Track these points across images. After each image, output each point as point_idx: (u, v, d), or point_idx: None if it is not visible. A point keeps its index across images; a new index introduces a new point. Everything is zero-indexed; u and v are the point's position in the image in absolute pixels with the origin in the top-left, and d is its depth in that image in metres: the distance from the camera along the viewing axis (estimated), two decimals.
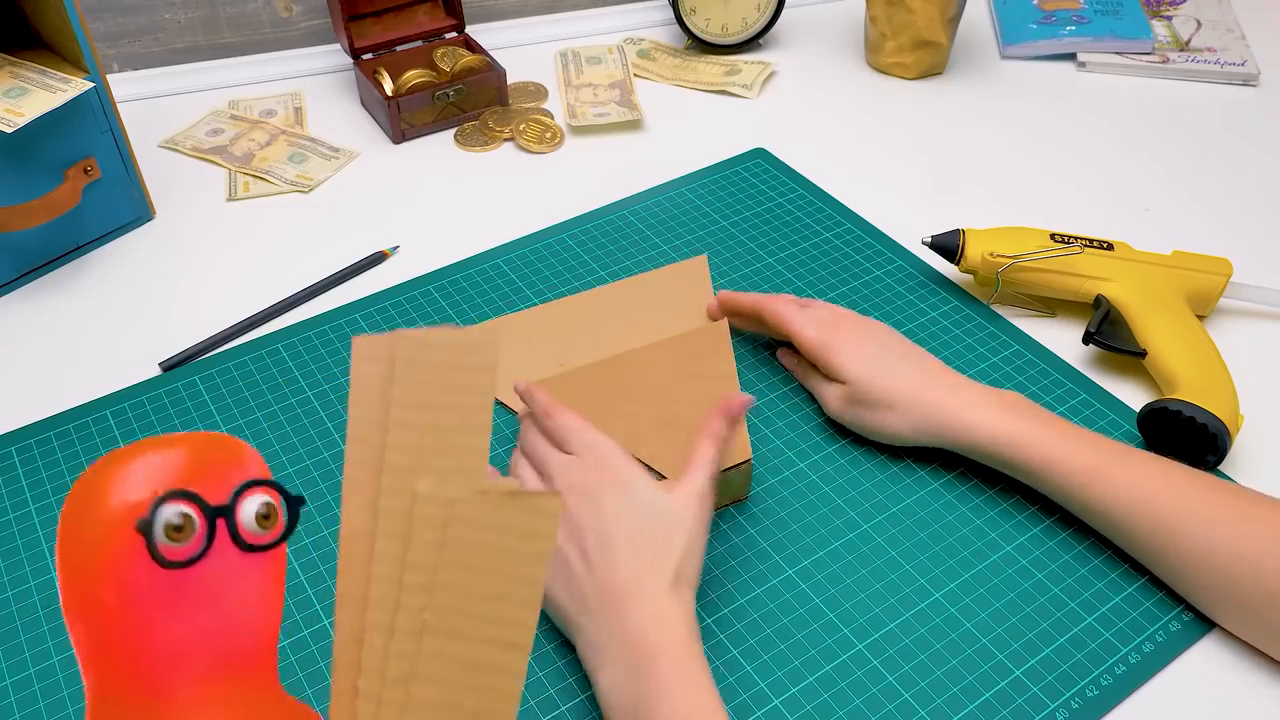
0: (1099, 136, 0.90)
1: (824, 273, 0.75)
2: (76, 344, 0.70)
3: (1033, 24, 1.02)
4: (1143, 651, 0.52)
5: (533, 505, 0.30)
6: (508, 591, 0.30)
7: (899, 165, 0.87)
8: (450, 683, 0.30)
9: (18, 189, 0.71)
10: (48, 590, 0.55)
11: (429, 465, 0.31)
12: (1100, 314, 0.67)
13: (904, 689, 0.51)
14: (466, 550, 0.30)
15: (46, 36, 0.74)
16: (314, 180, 0.84)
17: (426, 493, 0.31)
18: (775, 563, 0.56)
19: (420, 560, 0.30)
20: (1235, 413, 0.60)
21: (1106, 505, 0.54)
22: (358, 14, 0.92)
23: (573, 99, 0.94)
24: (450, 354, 0.32)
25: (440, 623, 0.30)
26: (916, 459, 0.61)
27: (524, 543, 0.30)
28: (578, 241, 0.78)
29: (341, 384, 0.67)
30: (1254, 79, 0.97)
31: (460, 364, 0.32)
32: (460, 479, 0.31)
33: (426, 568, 0.30)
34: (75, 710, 0.50)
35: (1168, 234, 0.78)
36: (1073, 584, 0.55)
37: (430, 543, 0.30)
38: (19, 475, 0.61)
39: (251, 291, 0.74)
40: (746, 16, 0.99)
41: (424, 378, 0.31)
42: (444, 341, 0.32)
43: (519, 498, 0.30)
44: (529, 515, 0.30)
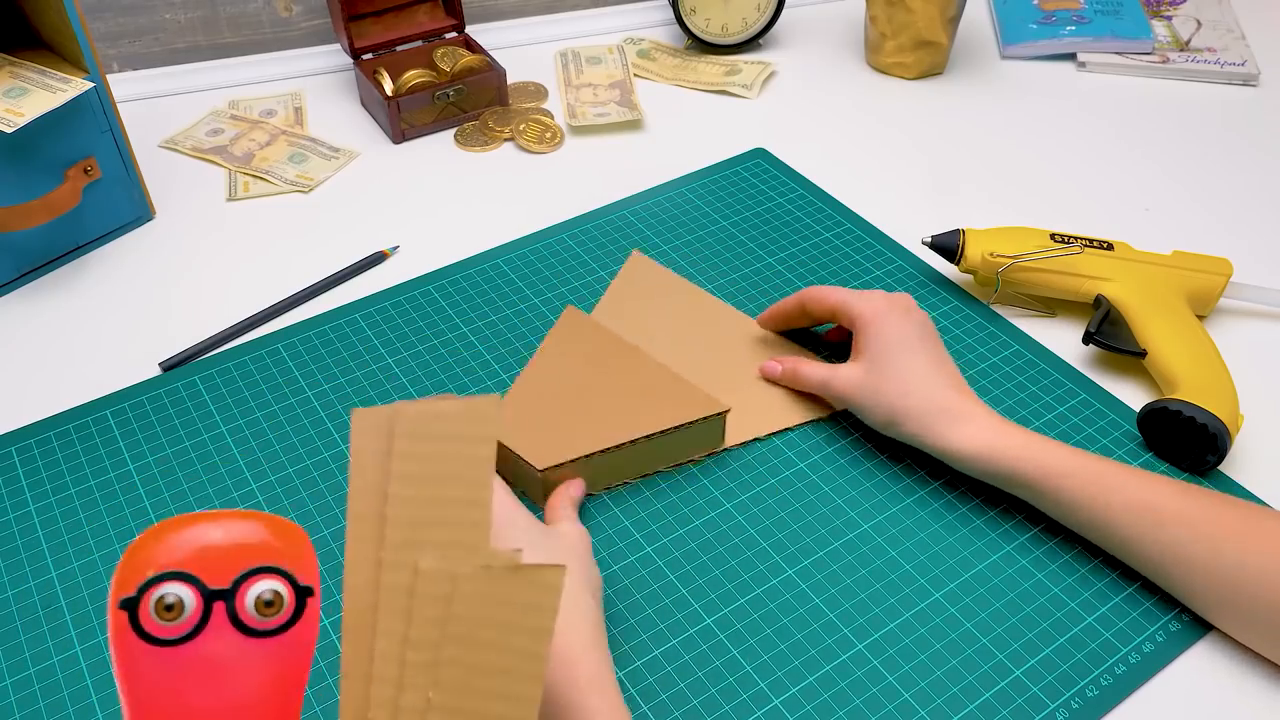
0: (1099, 136, 0.90)
1: (824, 273, 0.75)
2: (76, 344, 0.70)
3: (1033, 24, 1.02)
4: (1142, 652, 0.52)
5: (536, 579, 0.30)
6: (512, 666, 0.30)
7: (899, 165, 0.87)
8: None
9: (18, 189, 0.71)
10: (48, 590, 0.55)
11: (430, 540, 0.31)
12: (1100, 314, 0.67)
13: (904, 689, 0.51)
14: (470, 626, 0.30)
15: (46, 36, 0.74)
16: (314, 180, 0.84)
17: (428, 568, 0.31)
18: (775, 563, 0.56)
19: (423, 637, 0.31)
20: (1235, 413, 0.60)
21: (1109, 517, 0.53)
22: (358, 14, 0.92)
23: (573, 99, 0.94)
24: (451, 425, 0.32)
25: (445, 701, 0.30)
26: (917, 459, 0.61)
27: (527, 616, 0.30)
28: (578, 241, 0.78)
29: (342, 384, 0.67)
30: (1254, 79, 0.97)
31: (460, 435, 0.32)
32: (462, 553, 0.31)
33: (430, 644, 0.31)
34: (75, 710, 0.50)
35: (1168, 234, 0.78)
36: (1073, 584, 0.55)
37: (433, 619, 0.31)
38: (19, 475, 0.61)
39: (251, 291, 0.74)
40: (746, 16, 0.99)
41: (423, 451, 0.32)
42: (445, 413, 0.32)
43: (522, 572, 0.30)
44: (532, 589, 0.30)
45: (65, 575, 0.56)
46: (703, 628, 0.53)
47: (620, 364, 0.63)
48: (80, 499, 0.60)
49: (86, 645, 0.52)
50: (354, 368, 0.68)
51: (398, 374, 0.67)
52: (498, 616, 0.30)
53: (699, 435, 0.60)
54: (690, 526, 0.58)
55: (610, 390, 0.61)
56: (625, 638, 0.53)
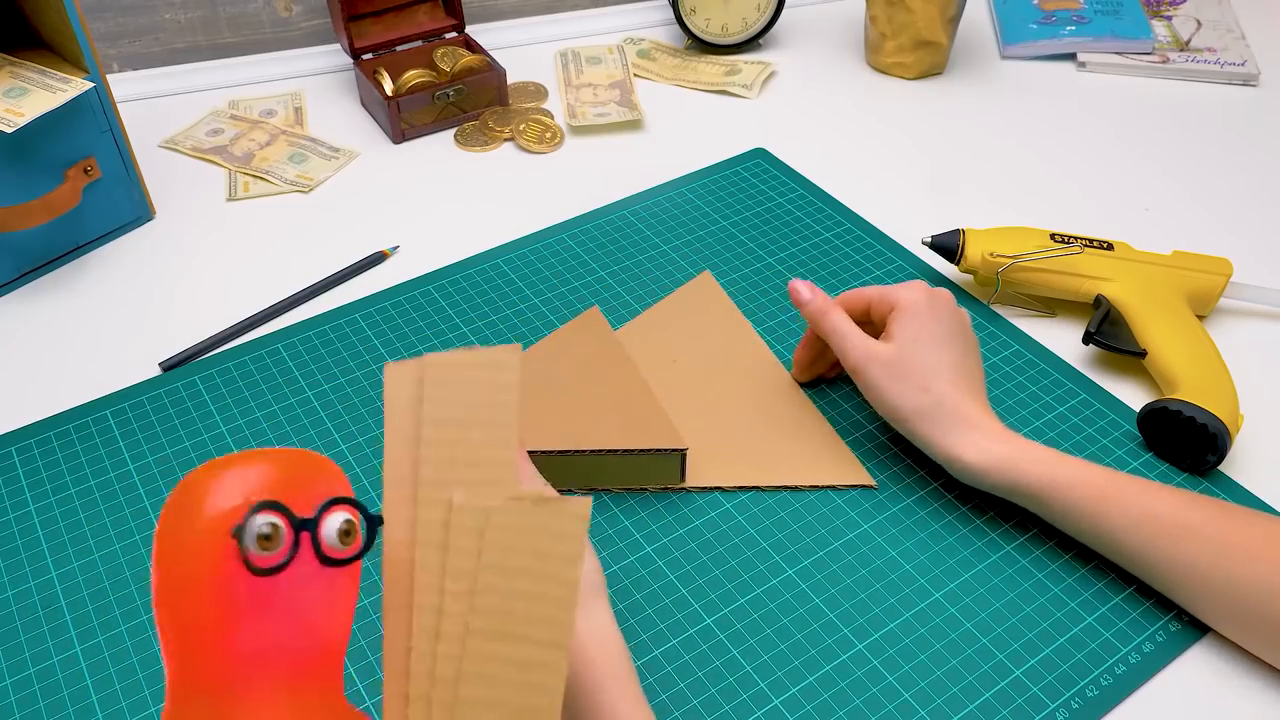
0: (1099, 136, 0.90)
1: (824, 273, 0.75)
2: (76, 344, 0.70)
3: (1033, 24, 1.02)
4: (1142, 652, 0.52)
5: (563, 509, 0.32)
6: (544, 592, 0.32)
7: (899, 165, 0.87)
8: (496, 681, 0.32)
9: (18, 189, 0.71)
10: (48, 590, 0.55)
11: (462, 478, 0.33)
12: (1100, 314, 0.67)
13: (904, 689, 0.51)
14: (503, 554, 0.32)
15: (46, 36, 0.74)
16: (314, 180, 0.84)
17: (462, 503, 0.32)
18: (775, 563, 0.56)
19: (460, 567, 0.32)
20: (1235, 413, 0.60)
21: (1114, 527, 0.53)
22: (358, 14, 0.92)
23: (573, 99, 0.94)
24: (476, 372, 0.34)
25: (483, 625, 0.32)
26: (916, 460, 0.61)
27: (557, 544, 0.32)
28: (578, 241, 0.78)
29: (342, 384, 0.67)
30: (1254, 79, 0.97)
31: (485, 381, 0.34)
32: (492, 488, 0.33)
33: (467, 573, 0.32)
34: (76, 710, 0.50)
35: (1168, 234, 0.78)
36: (1073, 584, 0.55)
37: (468, 550, 0.32)
38: (19, 475, 0.61)
39: (251, 291, 0.74)
40: (746, 16, 0.99)
41: (452, 396, 0.34)
42: (469, 361, 0.34)
43: (549, 502, 0.32)
44: (560, 518, 0.32)
45: (65, 575, 0.56)
46: (703, 628, 0.53)
47: (608, 375, 0.61)
48: (80, 499, 0.60)
49: (86, 645, 0.52)
50: (354, 368, 0.68)
51: None
52: (529, 545, 0.32)
53: (653, 466, 0.59)
54: (690, 526, 0.58)
55: (584, 396, 0.60)
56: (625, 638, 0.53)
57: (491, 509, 0.32)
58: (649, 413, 0.59)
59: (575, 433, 0.58)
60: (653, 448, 0.57)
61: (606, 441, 0.57)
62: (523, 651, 0.32)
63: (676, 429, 0.58)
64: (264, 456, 0.32)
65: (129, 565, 0.56)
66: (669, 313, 0.71)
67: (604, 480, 0.60)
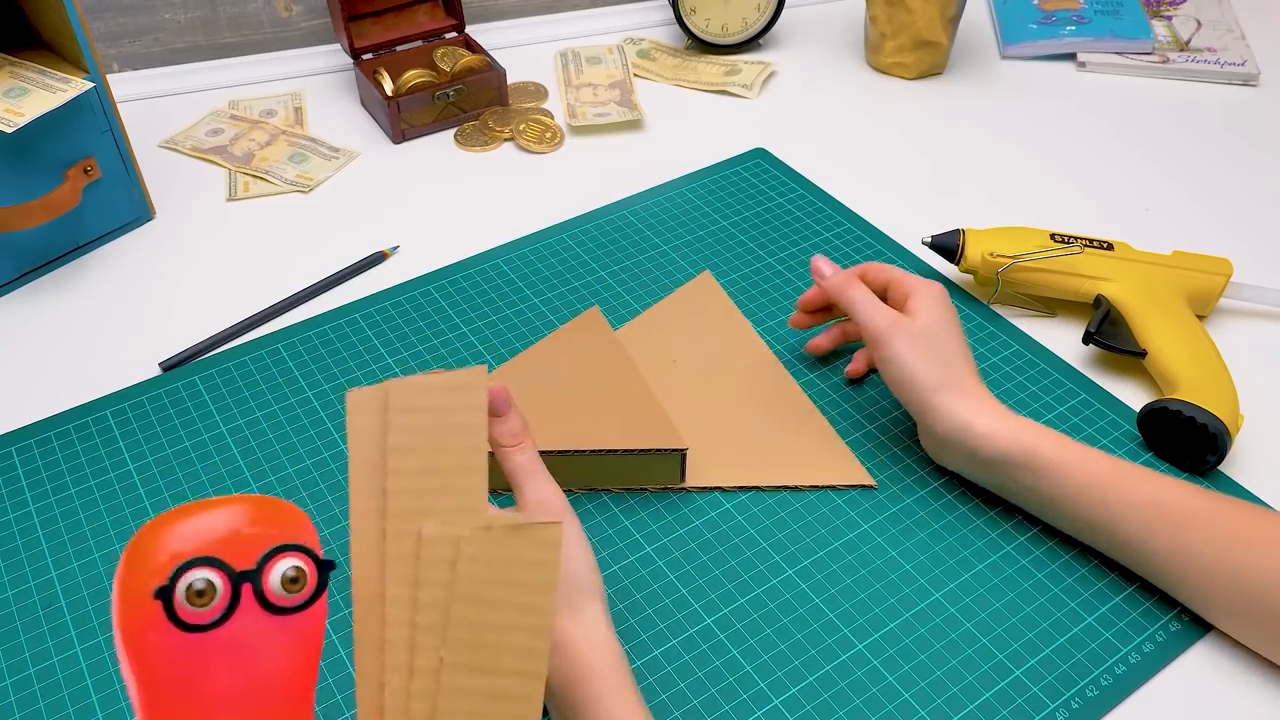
0: (1099, 136, 0.90)
1: None
2: (76, 344, 0.70)
3: (1033, 24, 1.02)
4: (1142, 652, 0.52)
5: (536, 536, 0.31)
6: (518, 622, 0.31)
7: (899, 165, 0.87)
8: (473, 715, 0.31)
9: (18, 189, 0.71)
10: (48, 590, 0.55)
11: (430, 507, 0.32)
12: (1100, 314, 0.67)
13: (904, 689, 0.51)
14: (476, 585, 0.31)
15: (46, 36, 0.74)
16: (314, 180, 0.84)
17: (432, 534, 0.32)
18: (775, 563, 0.56)
19: (431, 600, 0.31)
20: (1235, 413, 0.60)
21: (1115, 514, 0.53)
22: (358, 14, 0.92)
23: (573, 99, 0.94)
24: (441, 397, 0.33)
25: (457, 659, 0.31)
26: (916, 459, 0.61)
27: (530, 573, 0.31)
28: (578, 241, 0.78)
29: (341, 384, 0.67)
30: (1254, 79, 0.97)
31: (451, 405, 0.33)
32: (463, 517, 0.32)
33: (438, 607, 0.31)
34: (75, 710, 0.50)
35: (1168, 234, 0.78)
36: (1073, 584, 0.55)
37: (439, 582, 0.31)
38: (19, 475, 0.61)
39: (251, 291, 0.74)
40: (746, 16, 0.99)
41: (417, 423, 0.33)
42: (434, 385, 0.33)
43: (522, 530, 0.31)
44: (533, 546, 0.31)
45: (65, 575, 0.56)
46: (703, 628, 0.53)
47: (608, 375, 0.61)
48: (80, 499, 0.60)
49: (86, 645, 0.52)
50: (354, 368, 0.68)
51: (398, 374, 0.67)
52: (501, 574, 0.31)
53: (653, 466, 0.59)
54: (690, 526, 0.58)
55: (583, 396, 0.60)
56: (625, 638, 0.53)
57: (462, 539, 0.31)
58: (649, 413, 0.59)
59: (575, 433, 0.58)
60: (653, 448, 0.57)
61: (606, 441, 0.57)
62: (498, 683, 0.31)
63: (676, 429, 0.58)
64: (214, 505, 0.31)
65: None
66: (669, 313, 0.71)
67: (604, 480, 0.60)
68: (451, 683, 0.31)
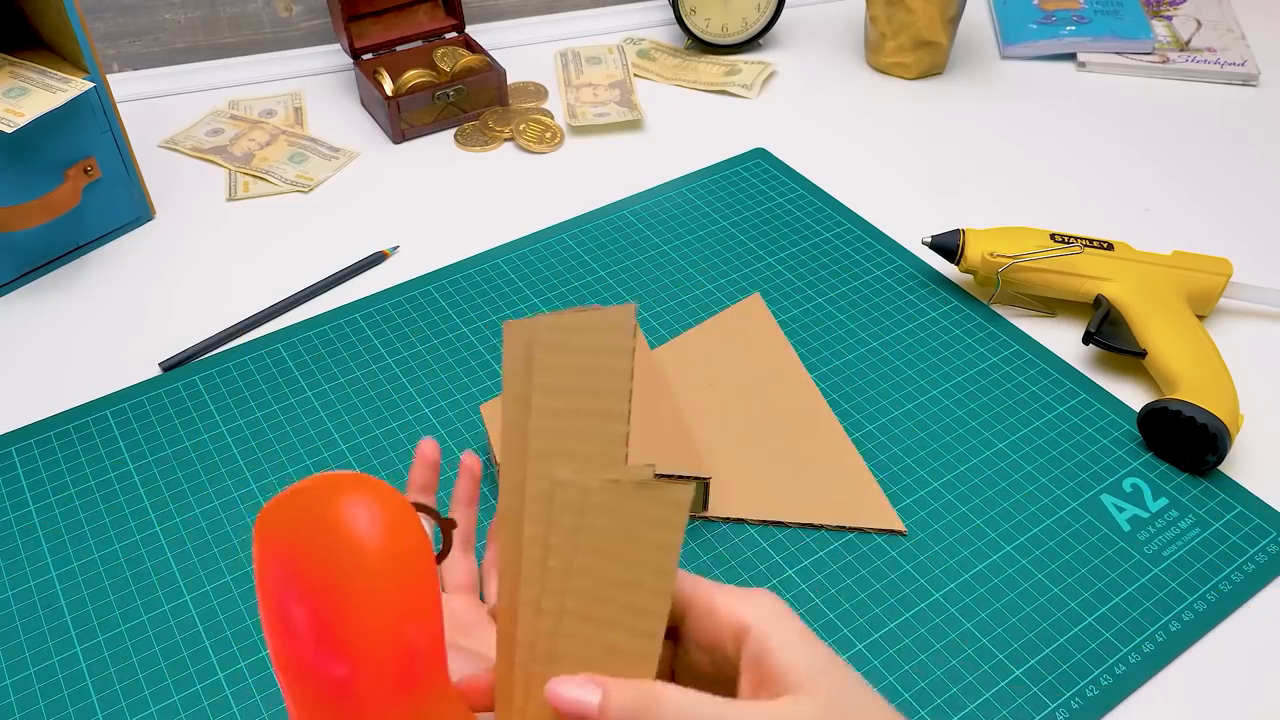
0: (1099, 136, 0.90)
1: (824, 273, 0.75)
2: (76, 344, 0.70)
3: (1033, 24, 1.02)
4: (1143, 651, 0.52)
5: (663, 495, 0.31)
6: (640, 580, 0.31)
7: (899, 165, 0.87)
8: (589, 665, 0.31)
9: (18, 189, 0.71)
10: (48, 590, 0.55)
11: (568, 451, 0.32)
12: (1100, 314, 0.67)
13: (904, 689, 0.51)
14: (601, 537, 0.31)
15: (46, 36, 0.74)
16: (314, 180, 0.84)
17: (564, 479, 0.32)
18: (775, 563, 0.56)
19: (560, 544, 0.31)
20: (1235, 413, 0.60)
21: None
22: (358, 14, 0.92)
23: (573, 99, 0.94)
24: (587, 338, 0.32)
25: (578, 607, 0.31)
26: (913, 458, 0.61)
27: (654, 531, 0.31)
28: (578, 241, 0.78)
29: (341, 384, 0.67)
30: (1254, 79, 0.97)
31: (596, 347, 0.32)
32: (597, 465, 0.32)
33: (566, 551, 0.31)
34: (75, 710, 0.50)
35: (1168, 234, 0.78)
36: (1073, 584, 0.55)
37: (568, 528, 0.31)
38: (19, 475, 0.61)
39: (251, 291, 0.74)
40: (746, 16, 0.99)
41: (562, 363, 0.32)
42: (581, 325, 0.32)
43: (649, 488, 0.31)
44: (659, 505, 0.31)
45: (65, 575, 0.56)
46: None
47: (638, 393, 0.60)
48: (80, 499, 0.60)
49: (86, 645, 0.52)
50: (354, 368, 0.68)
51: (398, 374, 0.67)
52: (626, 530, 0.31)
53: None
54: (689, 526, 0.58)
55: None
56: None
57: (591, 489, 0.31)
58: (676, 436, 0.58)
59: None
60: (674, 473, 0.56)
61: None
62: (615, 638, 0.31)
63: (701, 456, 0.57)
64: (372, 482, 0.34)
65: (129, 565, 0.56)
66: (713, 333, 0.69)
67: None
68: (571, 629, 0.31)
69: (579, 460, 0.32)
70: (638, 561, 0.31)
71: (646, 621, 0.31)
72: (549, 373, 0.32)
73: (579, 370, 0.32)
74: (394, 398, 0.66)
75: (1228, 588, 0.55)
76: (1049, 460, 0.62)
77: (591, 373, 0.32)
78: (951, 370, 0.67)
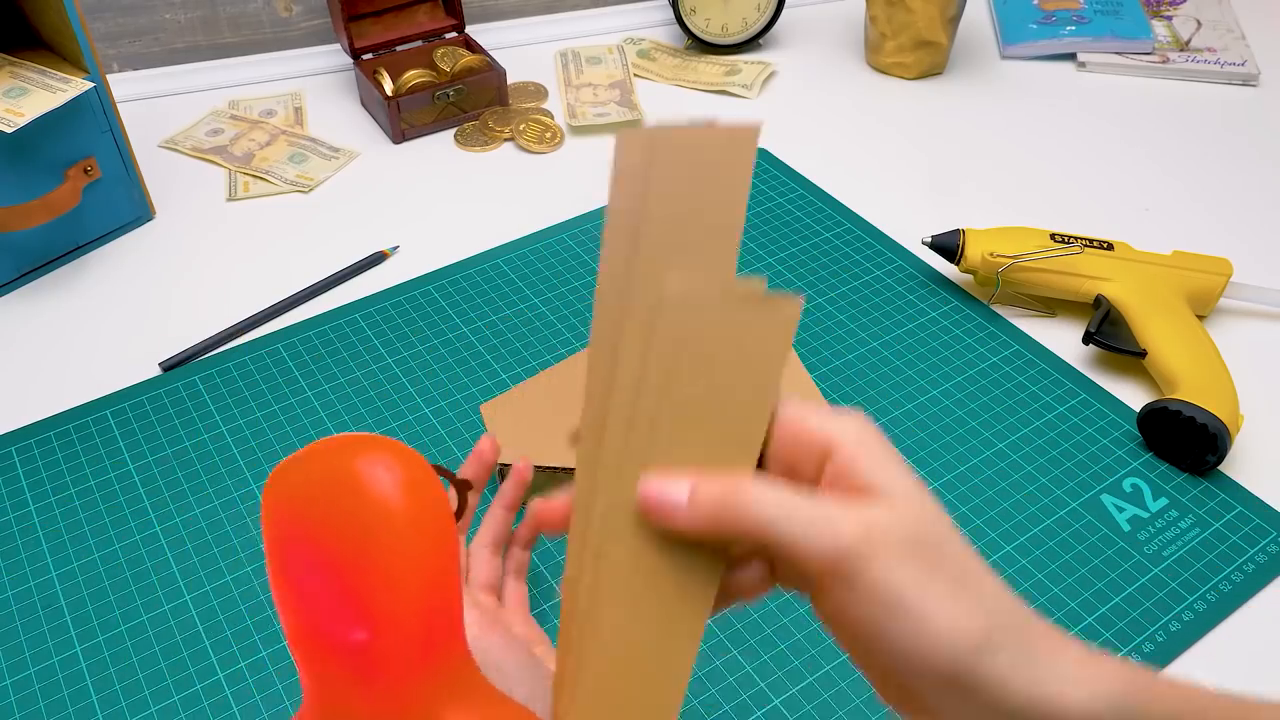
0: (1099, 136, 0.90)
1: (824, 273, 0.75)
2: (76, 344, 0.70)
3: (1033, 24, 1.02)
4: (1143, 651, 0.52)
5: (773, 308, 0.31)
6: (741, 393, 0.31)
7: (899, 165, 0.87)
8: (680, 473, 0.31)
9: (18, 189, 0.71)
10: (48, 590, 0.55)
11: (679, 259, 0.32)
12: (1100, 314, 0.67)
13: None
14: (706, 347, 0.31)
15: (46, 36, 0.74)
16: (314, 180, 0.84)
17: (673, 286, 0.31)
18: None
19: (661, 353, 0.31)
20: (1235, 413, 0.60)
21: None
22: (358, 14, 0.92)
23: (573, 99, 0.94)
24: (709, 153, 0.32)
25: (677, 411, 0.31)
26: (913, 459, 0.61)
27: (761, 343, 0.31)
28: (578, 241, 0.78)
29: (341, 384, 0.67)
30: (1254, 79, 0.97)
31: (720, 161, 0.32)
32: (707, 275, 0.32)
33: (666, 359, 0.31)
34: (75, 710, 0.50)
35: (1168, 234, 0.78)
36: (1073, 584, 0.55)
37: (673, 336, 0.31)
38: (19, 475, 0.61)
39: (251, 291, 0.74)
40: (746, 16, 0.99)
41: (683, 172, 0.32)
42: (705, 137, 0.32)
43: (759, 300, 0.31)
44: (768, 318, 0.31)
45: (65, 575, 0.56)
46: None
47: None
48: (80, 499, 0.60)
49: (86, 645, 0.52)
50: (354, 368, 0.68)
51: (398, 374, 0.67)
52: (734, 340, 0.31)
53: None
54: None
55: None
56: None
57: (700, 298, 0.31)
58: None
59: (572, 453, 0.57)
60: None
61: None
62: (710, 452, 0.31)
63: None
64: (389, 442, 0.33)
65: (129, 565, 0.56)
66: None
67: None
68: (666, 439, 0.31)
69: (688, 270, 0.31)
70: (743, 371, 0.31)
71: (745, 432, 0.31)
72: (668, 180, 0.32)
73: (699, 180, 0.32)
74: (394, 398, 0.66)
75: (1228, 588, 0.55)
76: (1049, 460, 0.62)
77: (711, 184, 0.32)
78: (951, 370, 0.67)
